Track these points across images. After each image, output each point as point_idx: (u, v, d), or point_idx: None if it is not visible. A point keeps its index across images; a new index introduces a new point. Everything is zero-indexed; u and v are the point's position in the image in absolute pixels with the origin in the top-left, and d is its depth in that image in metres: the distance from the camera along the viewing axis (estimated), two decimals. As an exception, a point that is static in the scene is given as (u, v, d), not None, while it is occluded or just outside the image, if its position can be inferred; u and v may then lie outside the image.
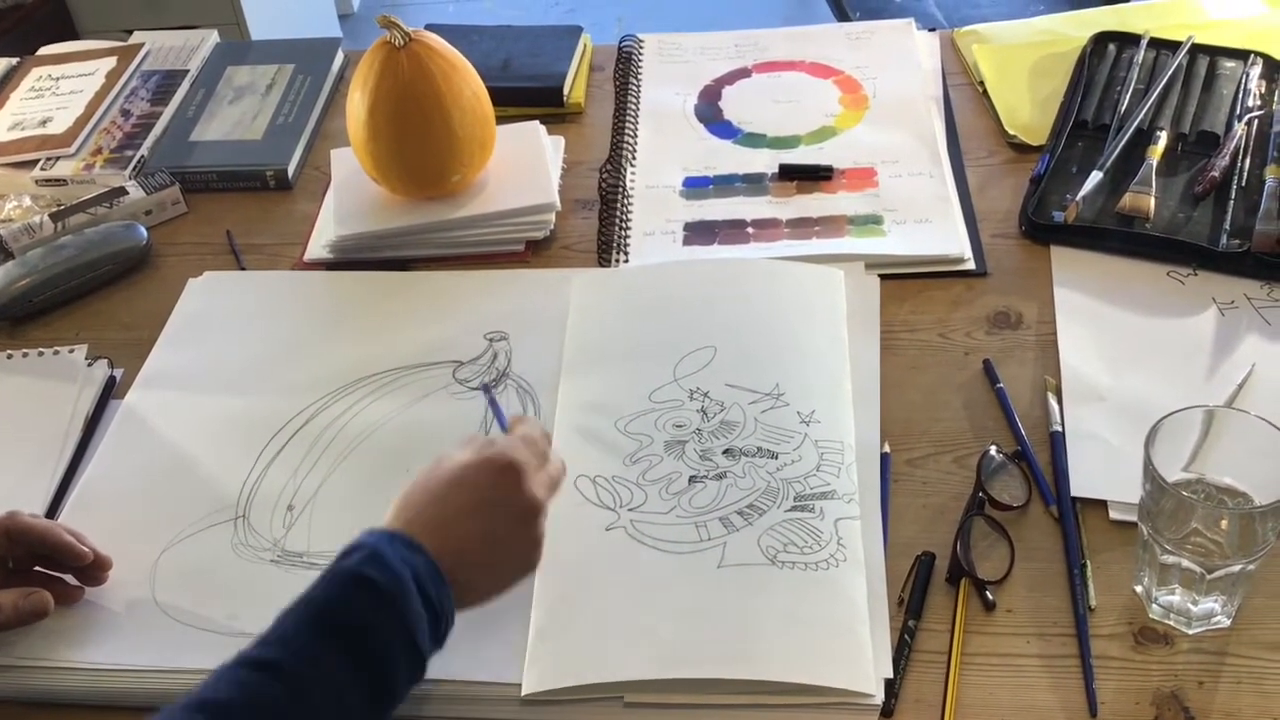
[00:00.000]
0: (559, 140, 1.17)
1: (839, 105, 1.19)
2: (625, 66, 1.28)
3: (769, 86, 1.24)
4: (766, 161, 1.13)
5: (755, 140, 1.16)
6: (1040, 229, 1.01)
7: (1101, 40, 1.20)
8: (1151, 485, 0.69)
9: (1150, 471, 0.68)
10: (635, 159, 1.15)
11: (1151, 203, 1.00)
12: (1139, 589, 0.75)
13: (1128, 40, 1.19)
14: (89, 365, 0.98)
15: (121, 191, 1.14)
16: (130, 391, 0.95)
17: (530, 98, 1.22)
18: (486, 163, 1.08)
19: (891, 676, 0.71)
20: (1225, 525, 0.68)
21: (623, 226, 1.07)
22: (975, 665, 0.73)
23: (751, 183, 1.11)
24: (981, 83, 1.20)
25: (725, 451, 0.83)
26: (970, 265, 1.00)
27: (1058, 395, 0.87)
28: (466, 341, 0.96)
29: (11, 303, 1.04)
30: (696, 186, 1.11)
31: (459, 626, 0.75)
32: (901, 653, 0.73)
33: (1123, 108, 1.10)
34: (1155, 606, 0.74)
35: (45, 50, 1.40)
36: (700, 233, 1.06)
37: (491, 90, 1.06)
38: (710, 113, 1.21)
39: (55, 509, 0.87)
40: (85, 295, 1.07)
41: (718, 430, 0.85)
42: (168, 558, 0.82)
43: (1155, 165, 1.03)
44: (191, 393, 0.95)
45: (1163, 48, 1.17)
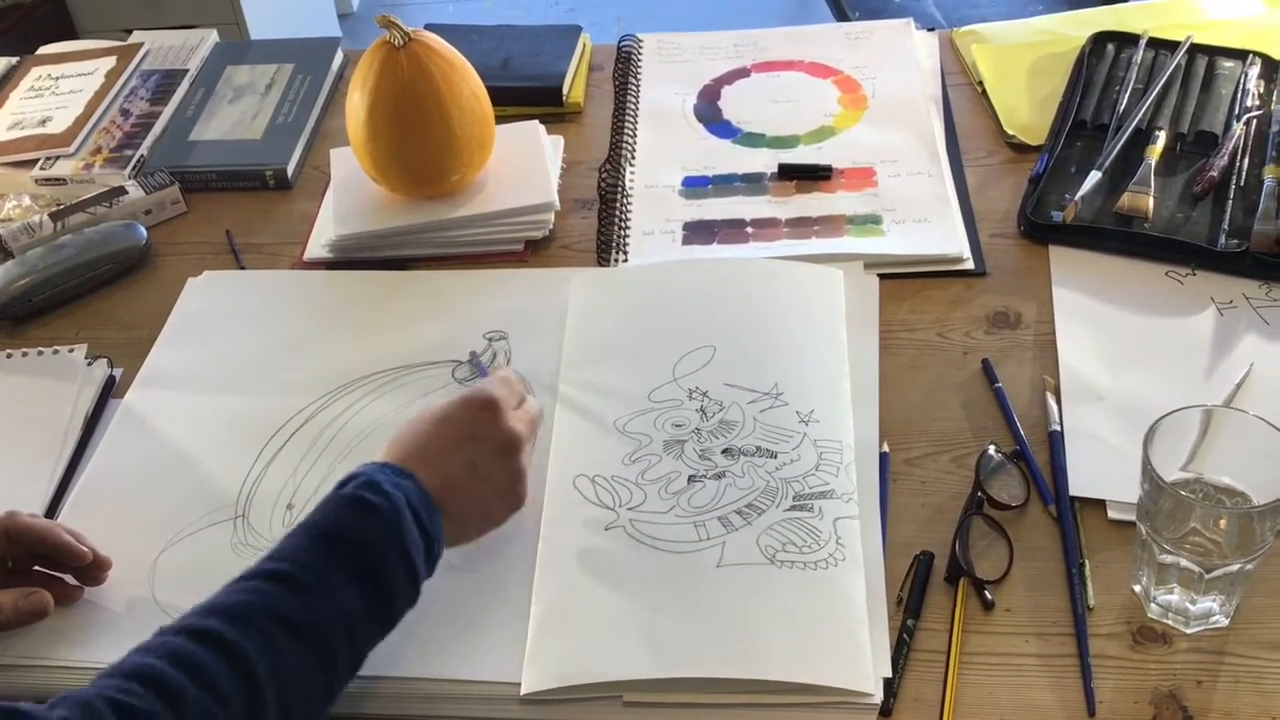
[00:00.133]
0: (558, 140, 1.17)
1: (838, 105, 1.20)
2: (624, 66, 1.28)
3: (768, 86, 1.24)
4: (766, 161, 1.13)
5: (754, 140, 1.16)
6: (1039, 229, 1.01)
7: (1100, 40, 1.20)
8: (1150, 485, 0.69)
9: (1149, 471, 0.69)
10: (634, 158, 1.15)
11: (1150, 202, 1.00)
12: (1137, 588, 0.75)
13: (1126, 40, 1.19)
14: (88, 365, 0.98)
15: (121, 191, 1.14)
16: (130, 391, 0.95)
17: (529, 97, 1.22)
18: (486, 162, 1.08)
19: (890, 676, 0.71)
20: (1224, 525, 0.68)
21: (622, 226, 1.07)
22: (974, 664, 0.73)
23: (751, 182, 1.11)
24: (980, 82, 1.20)
25: (724, 451, 0.83)
26: (969, 265, 1.00)
27: (1056, 395, 0.88)
28: (466, 341, 0.96)
29: (11, 302, 1.04)
30: (696, 186, 1.11)
31: (457, 625, 0.76)
32: (900, 652, 0.73)
33: (1121, 107, 1.10)
34: (1154, 606, 0.74)
35: (45, 50, 1.40)
36: (699, 232, 1.06)
37: (491, 90, 1.06)
38: (709, 112, 1.21)
39: (54, 509, 0.87)
40: (85, 295, 1.07)
41: (717, 430, 0.85)
42: (167, 557, 0.82)
43: (1154, 165, 1.04)
44: (191, 392, 0.95)
45: (1161, 47, 1.17)
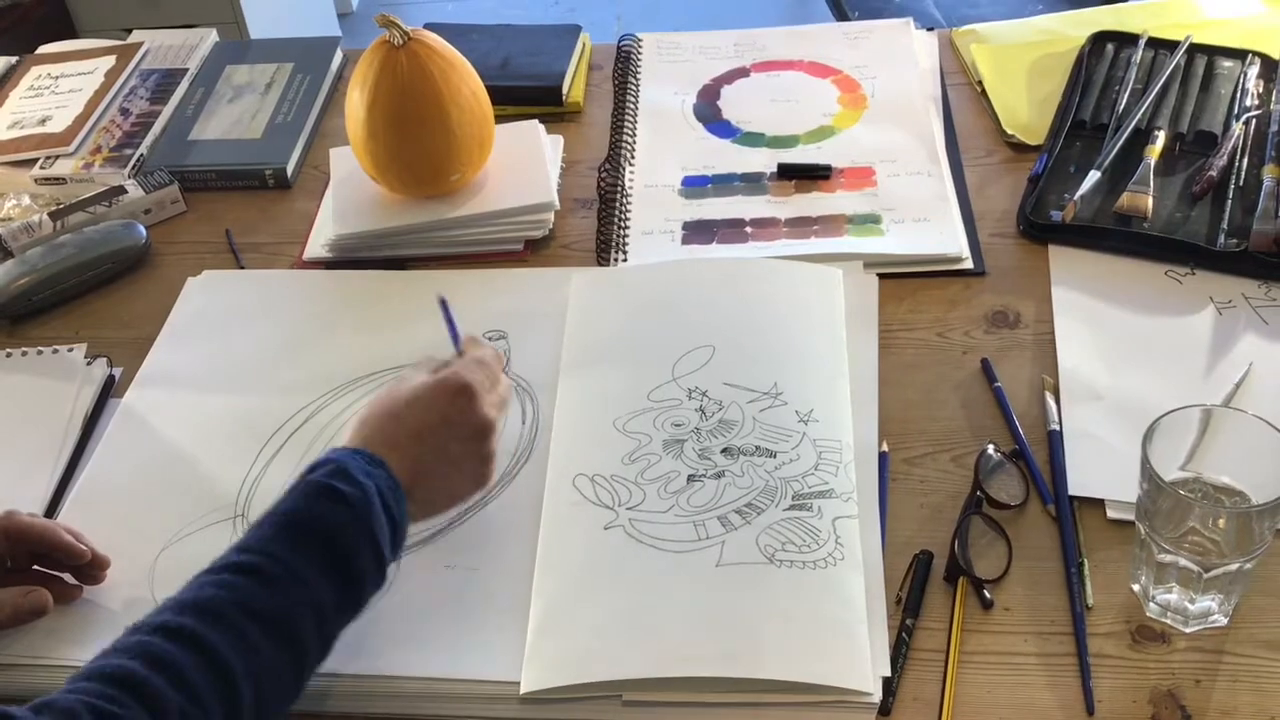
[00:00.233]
0: (558, 139, 1.17)
1: (837, 105, 1.20)
2: (624, 66, 1.28)
3: (767, 86, 1.24)
4: (765, 161, 1.13)
5: (754, 139, 1.16)
6: (1038, 228, 1.01)
7: (1100, 40, 1.20)
8: (1149, 484, 0.69)
9: (1147, 470, 0.69)
10: (634, 158, 1.15)
11: (1149, 202, 1.00)
12: (1136, 588, 0.75)
13: (1126, 40, 1.19)
14: (88, 364, 0.98)
15: (120, 190, 1.14)
16: (129, 390, 0.95)
17: (529, 97, 1.22)
18: (485, 162, 1.08)
19: (889, 675, 0.71)
20: (1222, 524, 0.68)
21: (621, 226, 1.07)
22: (973, 664, 0.73)
23: (750, 182, 1.11)
24: (980, 82, 1.20)
25: (723, 450, 0.83)
26: (968, 264, 1.00)
27: (1055, 394, 0.88)
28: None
29: (11, 301, 1.04)
30: (695, 186, 1.11)
31: (456, 624, 0.76)
32: (899, 651, 0.73)
33: (1121, 107, 1.11)
34: (1152, 605, 0.74)
35: (44, 49, 1.40)
36: (699, 232, 1.06)
37: (490, 89, 1.06)
38: (709, 112, 1.21)
39: (54, 508, 0.87)
40: (84, 294, 1.07)
41: (716, 429, 0.85)
42: (166, 556, 0.82)
43: (1153, 165, 1.04)
44: (191, 391, 0.95)
45: (1161, 47, 1.17)
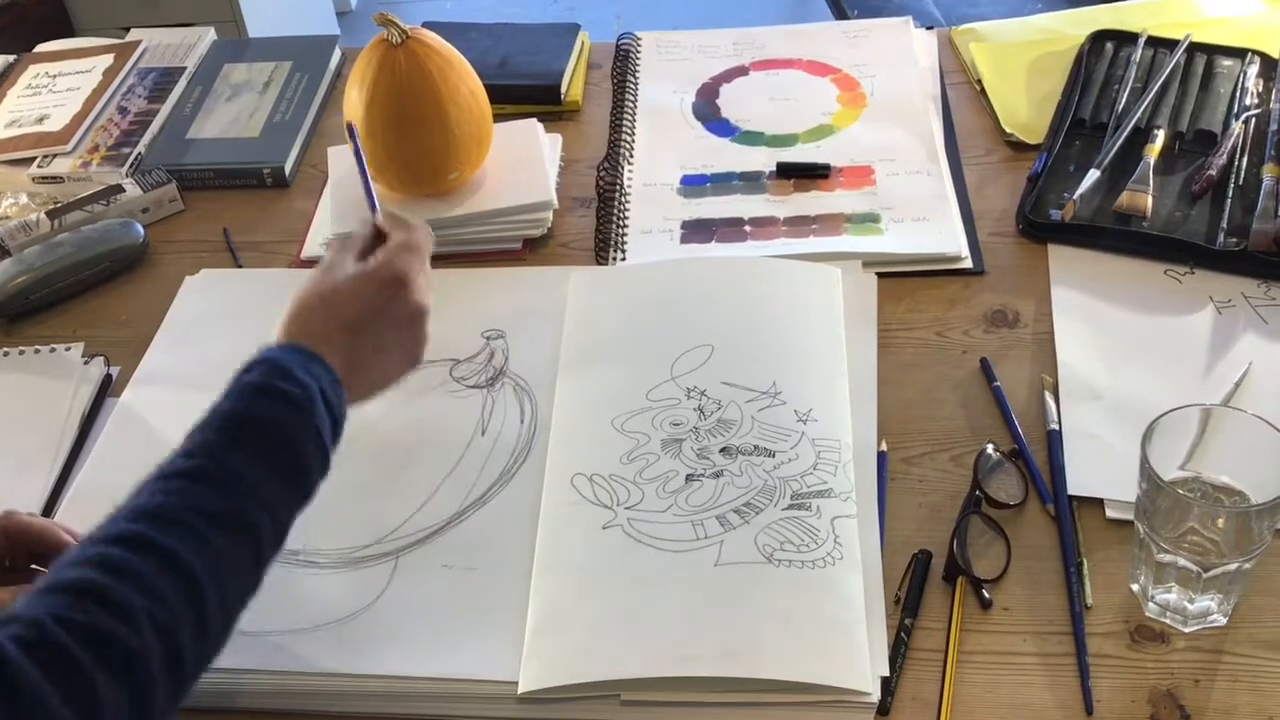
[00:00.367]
0: (556, 138, 1.17)
1: (836, 103, 1.19)
2: (623, 64, 1.28)
3: (767, 85, 1.24)
4: (764, 160, 1.13)
5: (753, 138, 1.16)
6: (1037, 227, 1.01)
7: (1099, 38, 1.20)
8: (1148, 484, 0.69)
9: (1147, 470, 0.68)
10: (633, 157, 1.15)
11: (1149, 201, 1.00)
12: (1135, 587, 0.75)
13: (1125, 39, 1.19)
14: (85, 363, 0.98)
15: (118, 189, 1.13)
16: (126, 389, 0.95)
17: (528, 95, 1.22)
18: (484, 160, 1.08)
19: (888, 675, 0.71)
20: (1222, 524, 0.68)
21: (620, 224, 1.07)
22: (972, 663, 0.73)
23: (749, 181, 1.11)
24: (979, 81, 1.20)
25: (722, 450, 0.83)
26: (967, 264, 1.00)
27: (1055, 393, 0.87)
28: (464, 339, 0.96)
29: (8, 300, 1.04)
30: (694, 185, 1.11)
31: (454, 623, 0.76)
32: (898, 651, 0.73)
33: (1120, 106, 1.10)
34: (1151, 605, 0.74)
35: (42, 47, 1.40)
36: (698, 231, 1.06)
37: (489, 88, 1.06)
38: (708, 111, 1.21)
39: (51, 507, 0.87)
40: (82, 293, 1.07)
41: (715, 428, 0.85)
42: (164, 556, 0.82)
43: (1153, 164, 1.03)
44: (188, 390, 0.93)
45: (1160, 46, 1.17)
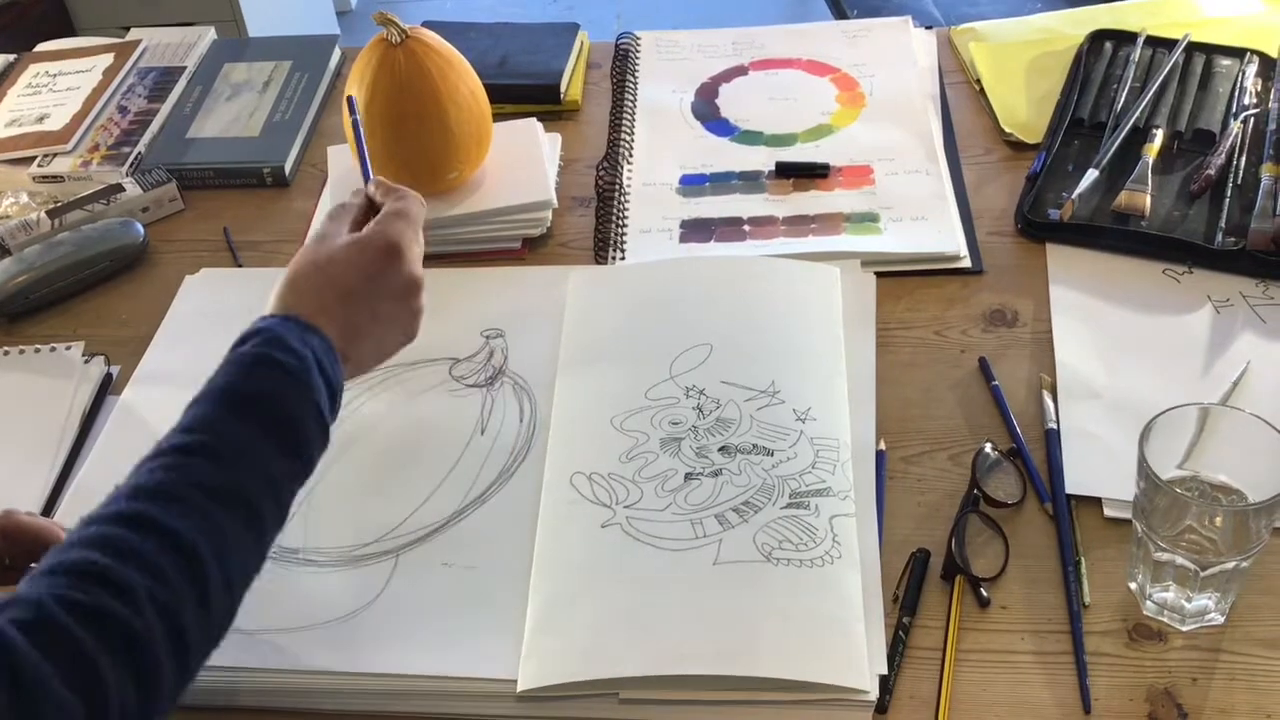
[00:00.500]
0: (556, 137, 1.17)
1: (836, 103, 1.20)
2: (622, 64, 1.28)
3: (766, 84, 1.24)
4: (763, 159, 1.13)
5: (752, 138, 1.16)
6: (1036, 227, 1.01)
7: (1098, 38, 1.20)
8: (1146, 482, 0.69)
9: (1144, 469, 0.69)
10: (632, 156, 1.15)
11: (1147, 201, 1.00)
12: (1133, 586, 0.75)
13: (1124, 38, 1.19)
14: (85, 362, 0.98)
15: (118, 188, 1.14)
16: (126, 388, 0.95)
17: (527, 95, 1.22)
18: (483, 160, 1.08)
19: (886, 673, 0.71)
20: (1219, 522, 0.69)
21: (619, 224, 1.07)
22: (970, 662, 0.73)
23: (748, 180, 1.11)
24: (978, 81, 1.20)
25: (721, 449, 0.83)
26: (966, 263, 1.00)
27: (1053, 393, 0.88)
28: (463, 339, 0.96)
29: (8, 299, 1.04)
30: (693, 184, 1.11)
31: (454, 622, 0.76)
32: (896, 649, 0.73)
33: (1119, 106, 1.11)
34: (1149, 603, 0.74)
35: (42, 47, 1.40)
36: (697, 230, 1.06)
37: (488, 87, 1.06)
38: (707, 110, 1.21)
39: (51, 506, 0.87)
40: (82, 292, 1.07)
41: (713, 427, 0.85)
42: (164, 554, 0.82)
43: (1151, 163, 1.04)
44: (188, 390, 0.93)
45: (1159, 45, 1.17)
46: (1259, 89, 1.11)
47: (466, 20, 1.33)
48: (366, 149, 0.88)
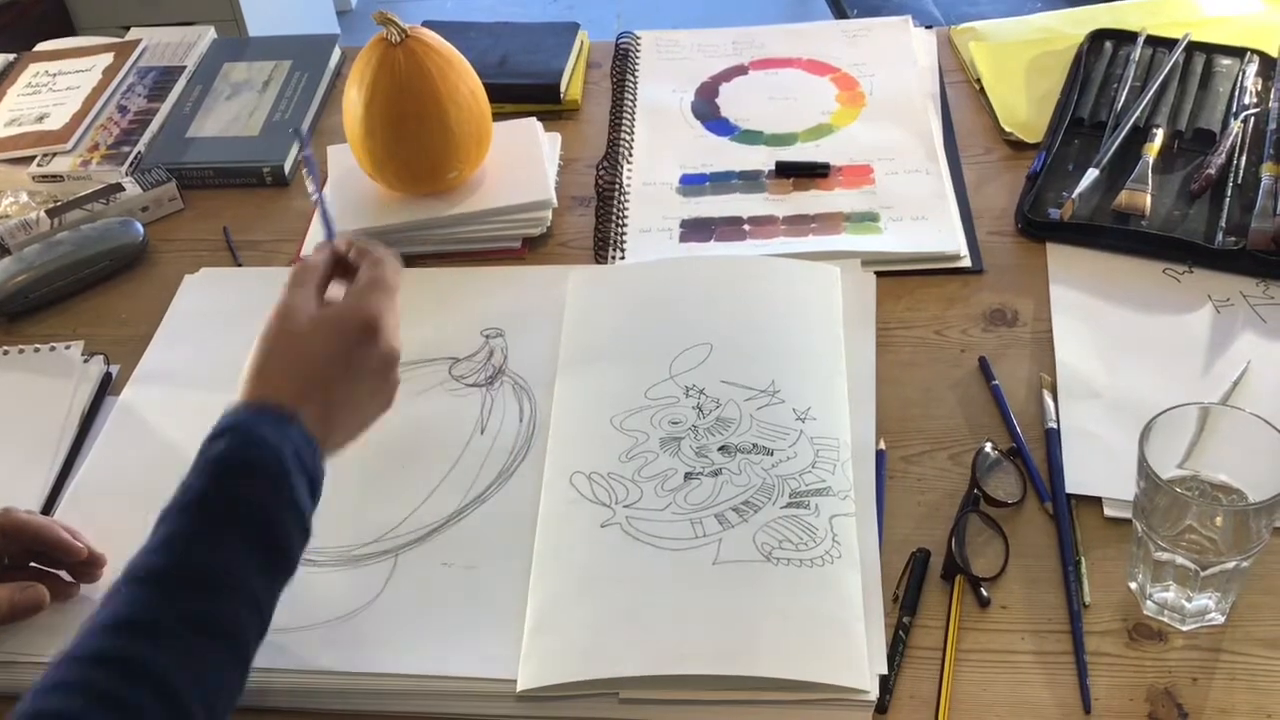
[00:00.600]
0: (556, 137, 1.17)
1: (836, 102, 1.19)
2: (622, 63, 1.28)
3: (766, 84, 1.24)
4: (763, 159, 1.13)
5: (752, 137, 1.16)
6: (1036, 226, 1.01)
7: (1098, 37, 1.20)
8: (1146, 482, 0.69)
9: (1145, 468, 0.69)
10: (632, 156, 1.15)
11: (1147, 200, 1.00)
12: (1133, 586, 0.75)
13: (1124, 37, 1.19)
14: (85, 361, 0.98)
15: (118, 188, 1.14)
16: (126, 388, 0.95)
17: (527, 94, 1.22)
18: (483, 159, 1.08)
19: (886, 673, 0.71)
20: (1220, 522, 0.68)
21: (619, 223, 1.07)
22: (970, 662, 0.73)
23: (748, 180, 1.11)
24: (978, 80, 1.20)
25: (721, 448, 0.83)
26: (966, 262, 1.00)
27: (1053, 392, 0.88)
28: (463, 338, 0.96)
29: (8, 299, 1.04)
30: (693, 184, 1.11)
31: (453, 622, 0.76)
32: (896, 649, 0.73)
33: (1119, 105, 1.10)
34: (1149, 603, 0.74)
35: (42, 46, 1.40)
36: (697, 230, 1.06)
37: (488, 87, 1.06)
38: (707, 110, 1.21)
39: (51, 505, 0.87)
40: (82, 291, 1.07)
41: (713, 427, 0.85)
42: (163, 554, 0.82)
43: (1151, 163, 1.04)
44: (187, 389, 0.95)
45: (1159, 45, 1.17)
46: (1259, 88, 1.11)
47: (466, 20, 1.33)
48: (328, 204, 0.82)
